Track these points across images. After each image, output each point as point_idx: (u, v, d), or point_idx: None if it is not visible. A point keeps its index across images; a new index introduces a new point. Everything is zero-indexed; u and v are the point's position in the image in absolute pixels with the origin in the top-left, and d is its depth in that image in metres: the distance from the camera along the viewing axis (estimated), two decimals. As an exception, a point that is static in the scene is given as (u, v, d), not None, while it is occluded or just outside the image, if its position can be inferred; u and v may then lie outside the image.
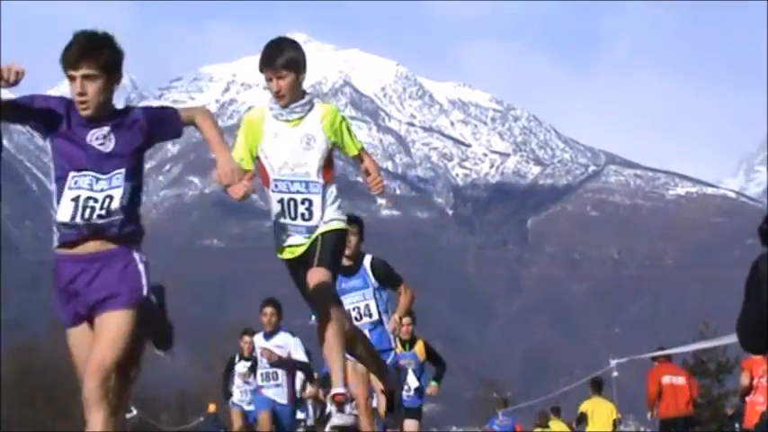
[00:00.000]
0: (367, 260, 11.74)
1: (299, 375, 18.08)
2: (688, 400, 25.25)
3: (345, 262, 11.18)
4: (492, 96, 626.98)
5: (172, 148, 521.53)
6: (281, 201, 10.24)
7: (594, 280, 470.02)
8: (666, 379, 25.31)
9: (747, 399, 20.47)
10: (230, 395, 21.32)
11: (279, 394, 15.06)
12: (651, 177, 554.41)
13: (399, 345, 16.37)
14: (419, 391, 17.48)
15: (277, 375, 14.96)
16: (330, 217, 10.23)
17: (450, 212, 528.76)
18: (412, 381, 17.06)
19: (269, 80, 10.16)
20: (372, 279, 11.49)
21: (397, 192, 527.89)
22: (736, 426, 27.26)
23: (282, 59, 10.05)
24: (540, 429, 33.82)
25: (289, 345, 15.25)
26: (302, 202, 10.12)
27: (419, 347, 17.22)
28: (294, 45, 10.43)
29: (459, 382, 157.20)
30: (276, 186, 10.26)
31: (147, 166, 13.08)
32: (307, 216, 10.23)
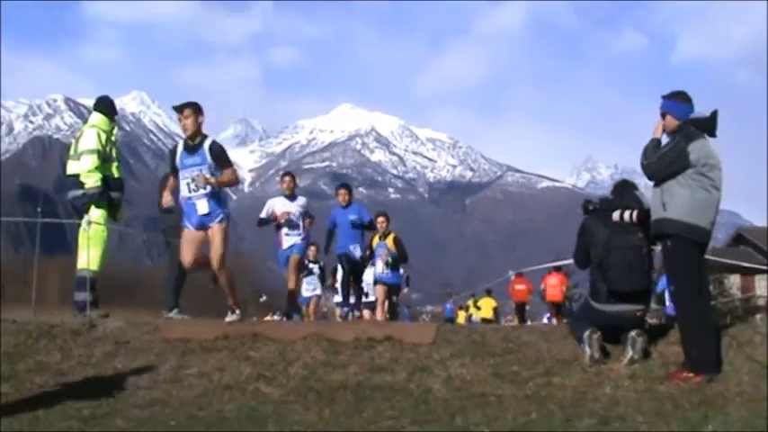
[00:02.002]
0: (207, 142, 8.59)
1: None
2: (525, 295, 27.14)
3: (189, 142, 8.70)
4: (448, 135, 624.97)
5: (284, 163, 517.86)
6: None
7: (500, 232, 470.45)
8: (517, 286, 26.96)
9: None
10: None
11: (296, 238, 12.24)
12: (528, 177, 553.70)
13: (377, 237, 14.37)
14: (394, 271, 14.47)
15: (299, 226, 12.27)
16: None
17: (427, 196, 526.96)
18: (380, 267, 14.34)
19: None
20: (209, 158, 8.52)
21: (399, 185, 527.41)
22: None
23: None
24: (471, 302, 33.83)
25: (306, 205, 12.64)
26: None
27: (390, 240, 14.35)
28: None
29: (430, 283, 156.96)
30: None
31: (271, 171, 12.60)
32: None
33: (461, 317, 34.66)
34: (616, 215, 7.16)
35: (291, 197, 12.51)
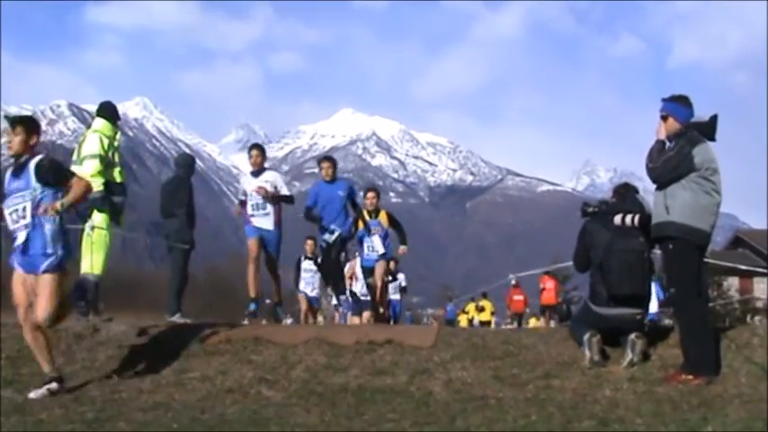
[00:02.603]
0: (34, 161, 7.01)
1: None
2: (522, 306, 27.76)
3: (16, 163, 7.15)
4: (449, 140, 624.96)
5: (286, 167, 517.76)
6: None
7: (500, 235, 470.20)
8: (515, 297, 27.51)
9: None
10: (298, 284, 16.45)
11: (266, 222, 10.81)
12: (528, 181, 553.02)
13: (366, 214, 12.49)
14: (384, 255, 12.50)
15: (266, 206, 10.77)
16: None
17: (427, 200, 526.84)
18: (378, 245, 12.41)
19: None
20: (33, 180, 6.93)
21: (399, 189, 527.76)
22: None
23: None
24: (472, 305, 33.99)
25: (276, 180, 11.08)
26: None
27: (382, 216, 12.54)
28: None
29: (430, 285, 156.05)
30: None
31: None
32: None
33: (464, 320, 34.78)
34: (618, 219, 7.17)
35: (257, 172, 11.10)
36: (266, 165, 11.41)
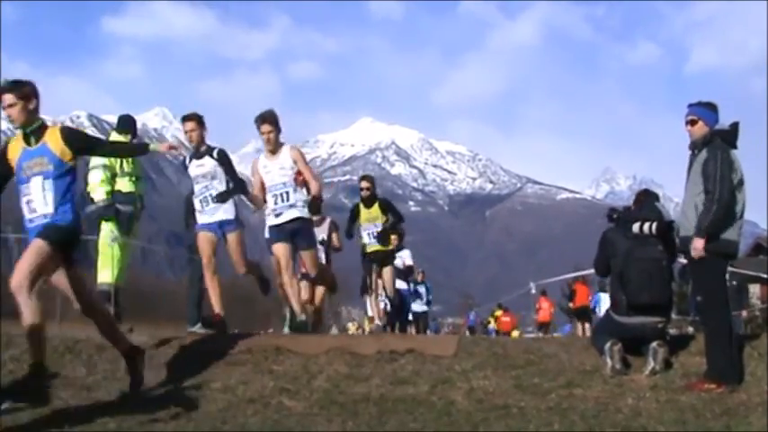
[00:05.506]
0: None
1: None
2: (509, 327, 29.45)
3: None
4: (468, 148, 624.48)
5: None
6: None
7: (519, 242, 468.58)
8: (503, 319, 29.81)
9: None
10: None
11: None
12: (548, 189, 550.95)
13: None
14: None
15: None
16: None
17: (447, 208, 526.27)
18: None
19: None
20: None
21: (419, 198, 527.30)
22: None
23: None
24: (491, 317, 34.12)
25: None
26: None
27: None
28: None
29: (450, 294, 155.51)
30: None
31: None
32: None
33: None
34: (636, 227, 7.17)
35: None
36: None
